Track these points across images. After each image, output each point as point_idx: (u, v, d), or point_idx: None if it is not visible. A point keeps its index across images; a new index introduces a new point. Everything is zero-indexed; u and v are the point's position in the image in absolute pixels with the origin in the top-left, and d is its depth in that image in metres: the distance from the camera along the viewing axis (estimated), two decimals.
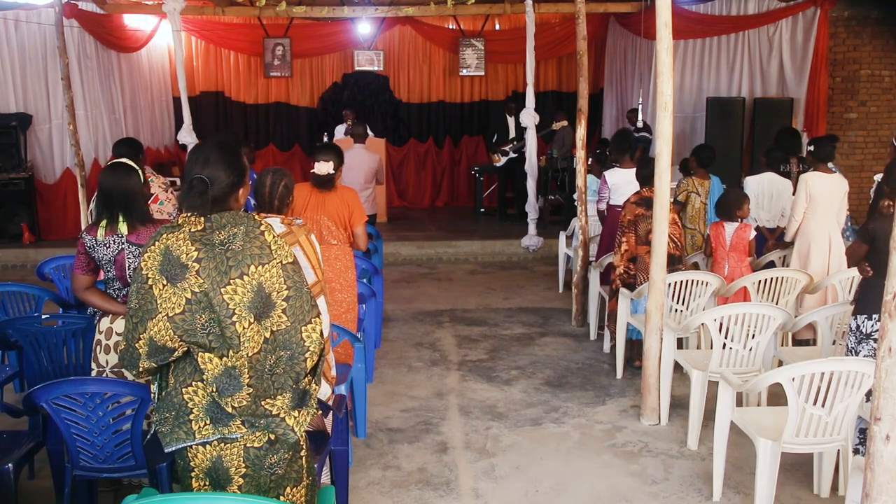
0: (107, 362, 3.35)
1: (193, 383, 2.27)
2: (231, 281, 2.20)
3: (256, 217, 2.34)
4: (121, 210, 3.34)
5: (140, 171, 3.45)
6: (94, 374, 3.37)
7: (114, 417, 2.99)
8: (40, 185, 9.50)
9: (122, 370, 3.32)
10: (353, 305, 4.61)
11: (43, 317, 3.96)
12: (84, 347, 3.73)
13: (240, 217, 2.31)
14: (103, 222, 3.36)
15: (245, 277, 2.21)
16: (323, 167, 4.47)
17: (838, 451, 3.54)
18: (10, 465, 3.07)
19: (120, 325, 3.34)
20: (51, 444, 3.24)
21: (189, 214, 2.29)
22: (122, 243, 3.33)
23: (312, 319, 2.30)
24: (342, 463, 3.40)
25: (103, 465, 3.05)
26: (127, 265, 3.34)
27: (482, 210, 11.22)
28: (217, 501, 2.13)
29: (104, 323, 3.38)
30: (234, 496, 2.20)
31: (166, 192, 5.02)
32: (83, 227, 7.48)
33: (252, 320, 2.21)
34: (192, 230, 2.25)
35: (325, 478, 3.30)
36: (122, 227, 3.33)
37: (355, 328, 4.61)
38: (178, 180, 9.86)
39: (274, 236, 2.30)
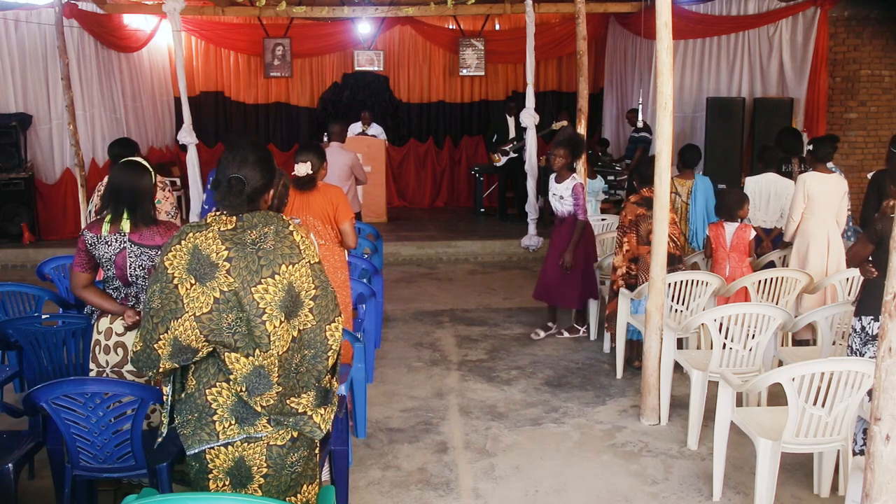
0: (106, 362, 3.35)
1: (217, 384, 2.27)
2: (262, 280, 2.21)
3: (284, 217, 2.36)
4: (127, 208, 3.35)
5: (153, 173, 3.47)
6: (93, 374, 3.36)
7: (114, 417, 2.99)
8: (40, 185, 9.49)
9: (122, 370, 3.32)
10: (346, 306, 4.60)
11: (43, 317, 3.95)
12: (84, 347, 3.73)
13: (269, 217, 2.32)
14: (108, 218, 3.37)
15: (276, 277, 2.22)
16: (301, 168, 4.48)
17: (838, 451, 3.54)
18: (10, 465, 3.07)
19: (120, 325, 3.34)
20: (51, 444, 3.23)
21: (219, 213, 2.29)
22: (124, 242, 3.33)
23: (335, 318, 2.33)
24: (342, 463, 3.40)
25: (103, 465, 3.05)
26: (128, 264, 3.34)
27: (482, 210, 11.22)
28: (217, 502, 2.13)
29: (103, 323, 3.38)
30: (235, 496, 2.20)
31: (163, 191, 5.04)
32: (83, 226, 7.54)
33: (283, 319, 2.22)
34: (222, 229, 2.26)
35: (325, 478, 3.30)
36: (125, 225, 3.33)
37: (350, 327, 4.60)
38: (177, 180, 9.87)
39: (302, 236, 2.32)
